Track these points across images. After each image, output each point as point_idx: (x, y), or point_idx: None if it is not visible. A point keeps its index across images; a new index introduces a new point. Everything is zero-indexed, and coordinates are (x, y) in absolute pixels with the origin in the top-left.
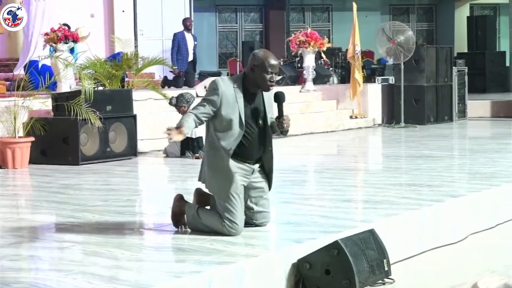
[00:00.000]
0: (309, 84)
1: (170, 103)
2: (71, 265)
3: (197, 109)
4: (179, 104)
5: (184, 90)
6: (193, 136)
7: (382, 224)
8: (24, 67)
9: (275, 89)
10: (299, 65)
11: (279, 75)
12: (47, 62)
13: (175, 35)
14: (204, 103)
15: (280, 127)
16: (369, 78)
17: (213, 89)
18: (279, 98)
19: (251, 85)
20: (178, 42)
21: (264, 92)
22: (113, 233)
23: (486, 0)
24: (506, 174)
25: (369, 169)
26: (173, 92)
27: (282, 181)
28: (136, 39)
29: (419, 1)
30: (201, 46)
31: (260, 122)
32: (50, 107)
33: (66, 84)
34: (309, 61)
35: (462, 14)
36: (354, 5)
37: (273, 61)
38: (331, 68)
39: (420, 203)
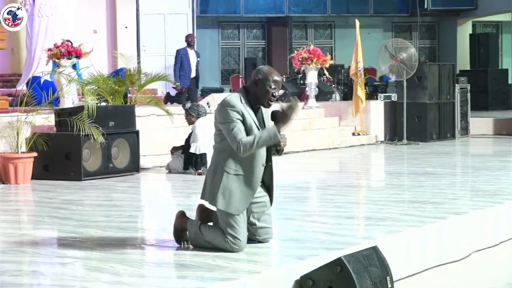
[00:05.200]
0: (312, 101)
1: (183, 105)
2: (73, 280)
3: (238, 133)
4: (190, 112)
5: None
6: (197, 152)
7: (385, 241)
8: (27, 82)
9: (274, 107)
10: (301, 81)
11: (281, 89)
12: (49, 77)
13: (177, 51)
14: (234, 125)
15: (277, 146)
16: (371, 95)
17: (229, 108)
18: (276, 117)
19: (252, 100)
20: (180, 58)
21: (262, 109)
22: (115, 249)
23: (489, 18)
24: (508, 191)
25: (372, 186)
26: (176, 109)
27: (284, 198)
28: (139, 55)
29: (422, 18)
30: (203, 63)
31: None
32: (53, 123)
33: (69, 99)
34: (312, 77)
35: (464, 32)
36: (357, 22)
37: (277, 77)
38: (333, 85)
39: (423, 220)
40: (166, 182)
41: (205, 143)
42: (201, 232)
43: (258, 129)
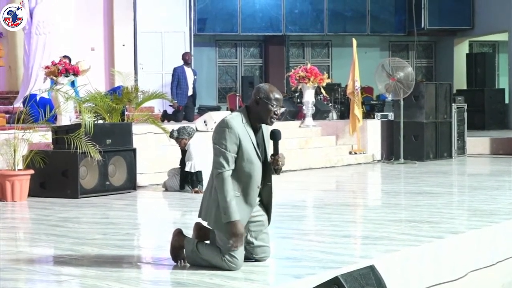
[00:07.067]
0: (309, 120)
1: (171, 136)
2: None
3: (223, 162)
4: (181, 137)
5: (184, 124)
6: (192, 170)
7: (382, 260)
8: (24, 100)
9: (272, 126)
10: (298, 100)
11: (282, 107)
12: (47, 95)
13: (174, 69)
14: (225, 152)
15: (275, 164)
16: (368, 114)
17: (227, 129)
18: (275, 136)
19: (254, 119)
20: (177, 77)
21: (263, 127)
22: (112, 267)
23: (485, 37)
24: (505, 211)
25: (369, 205)
26: (173, 126)
27: (281, 216)
28: (136, 73)
29: (419, 38)
30: (200, 81)
31: (262, 157)
32: (50, 140)
33: (66, 117)
34: (309, 96)
35: (461, 51)
36: (354, 41)
37: (278, 95)
38: (330, 104)
39: (420, 240)
40: (162, 200)
41: (200, 161)
42: (198, 250)
43: (256, 151)
